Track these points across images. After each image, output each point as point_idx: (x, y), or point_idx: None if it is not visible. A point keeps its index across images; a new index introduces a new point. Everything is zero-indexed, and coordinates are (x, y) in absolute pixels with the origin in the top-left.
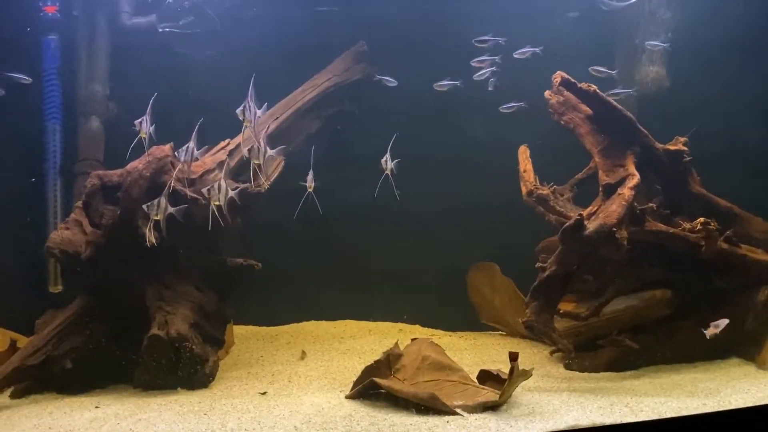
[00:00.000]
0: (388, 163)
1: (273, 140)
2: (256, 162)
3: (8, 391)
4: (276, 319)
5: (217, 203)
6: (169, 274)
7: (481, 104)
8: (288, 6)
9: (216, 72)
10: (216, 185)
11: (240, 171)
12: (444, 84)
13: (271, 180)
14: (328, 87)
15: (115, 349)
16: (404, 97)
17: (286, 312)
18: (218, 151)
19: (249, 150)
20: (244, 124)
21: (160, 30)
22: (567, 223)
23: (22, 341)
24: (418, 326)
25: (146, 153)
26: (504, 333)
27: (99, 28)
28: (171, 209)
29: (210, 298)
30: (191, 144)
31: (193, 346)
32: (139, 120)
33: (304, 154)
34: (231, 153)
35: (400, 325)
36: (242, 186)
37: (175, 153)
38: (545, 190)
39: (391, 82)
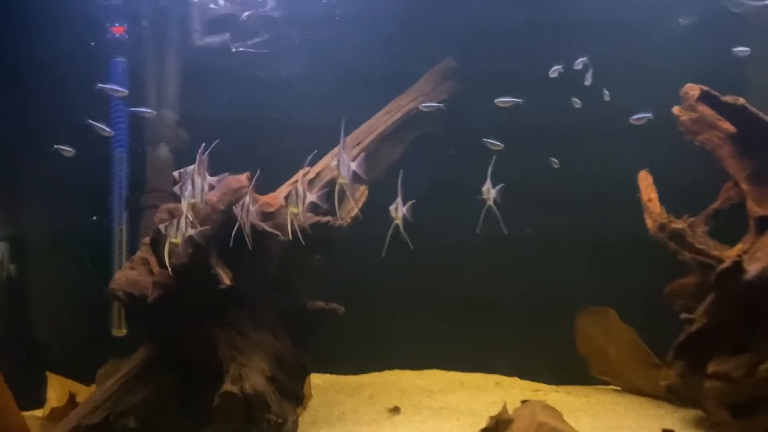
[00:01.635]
0: (490, 191)
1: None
2: (294, 210)
3: None
4: (355, 366)
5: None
6: (244, 320)
7: (589, 125)
8: (372, 20)
9: (295, 93)
10: (241, 204)
11: (320, 202)
12: (505, 100)
13: (353, 213)
14: (413, 108)
15: (184, 405)
16: (501, 118)
17: (366, 358)
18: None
19: (286, 197)
20: (339, 179)
21: (234, 50)
22: (722, 266)
23: (82, 393)
24: (516, 378)
25: (221, 183)
26: (618, 388)
27: (169, 49)
28: (191, 231)
29: (287, 347)
30: (199, 169)
31: (271, 405)
32: (179, 171)
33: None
34: (311, 182)
35: (496, 376)
36: (323, 219)
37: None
38: (681, 224)
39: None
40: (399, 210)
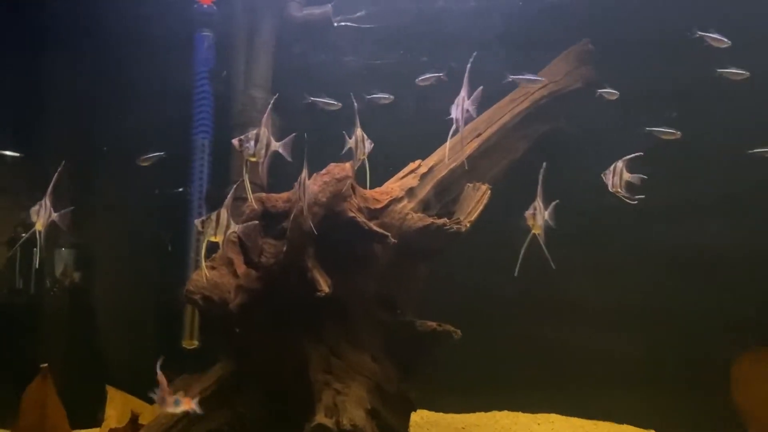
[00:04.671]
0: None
1: (473, 162)
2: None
3: None
4: (458, 403)
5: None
6: (340, 339)
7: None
8: None
9: (404, 75)
10: (299, 181)
11: (433, 201)
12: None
13: (473, 217)
14: (542, 96)
15: None
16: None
17: (471, 395)
18: (407, 174)
19: None
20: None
21: (336, 24)
22: None
23: (146, 413)
24: (653, 431)
25: (323, 172)
26: None
27: (263, 22)
28: (235, 227)
29: (390, 375)
30: (263, 130)
31: None
32: (240, 138)
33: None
34: (423, 177)
35: (628, 428)
36: (437, 222)
37: (239, 140)
38: None
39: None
40: (538, 216)
